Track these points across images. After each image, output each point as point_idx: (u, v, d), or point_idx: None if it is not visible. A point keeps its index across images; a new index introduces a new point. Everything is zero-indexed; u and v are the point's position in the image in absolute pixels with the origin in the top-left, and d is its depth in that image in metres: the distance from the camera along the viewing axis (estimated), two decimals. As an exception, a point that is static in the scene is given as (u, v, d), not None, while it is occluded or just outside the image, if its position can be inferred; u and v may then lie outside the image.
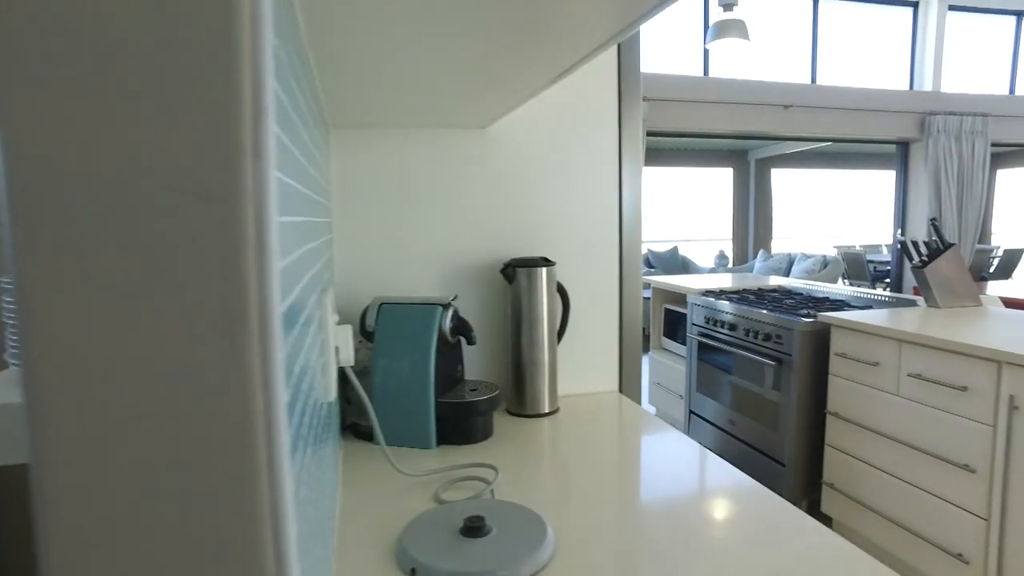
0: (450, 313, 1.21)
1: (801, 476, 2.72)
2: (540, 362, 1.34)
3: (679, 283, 3.82)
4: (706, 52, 6.11)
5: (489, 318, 1.43)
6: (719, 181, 9.84)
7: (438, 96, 0.97)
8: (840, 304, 2.99)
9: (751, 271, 8.33)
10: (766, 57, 6.57)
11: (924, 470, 2.16)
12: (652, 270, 8.76)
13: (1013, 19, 7.15)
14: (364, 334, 1.22)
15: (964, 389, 2.00)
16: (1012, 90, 7.22)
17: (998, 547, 1.92)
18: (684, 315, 3.63)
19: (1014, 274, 9.80)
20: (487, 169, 1.39)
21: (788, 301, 3.10)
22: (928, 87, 6.76)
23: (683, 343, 3.68)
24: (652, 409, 4.35)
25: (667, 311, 3.99)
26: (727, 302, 3.15)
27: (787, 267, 7.98)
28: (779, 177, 9.87)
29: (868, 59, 6.96)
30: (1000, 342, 1.96)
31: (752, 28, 6.15)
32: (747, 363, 2.98)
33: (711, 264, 8.94)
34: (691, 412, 3.51)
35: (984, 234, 11.78)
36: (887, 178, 7.61)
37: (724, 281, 3.90)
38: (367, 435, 1.21)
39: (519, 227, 1.43)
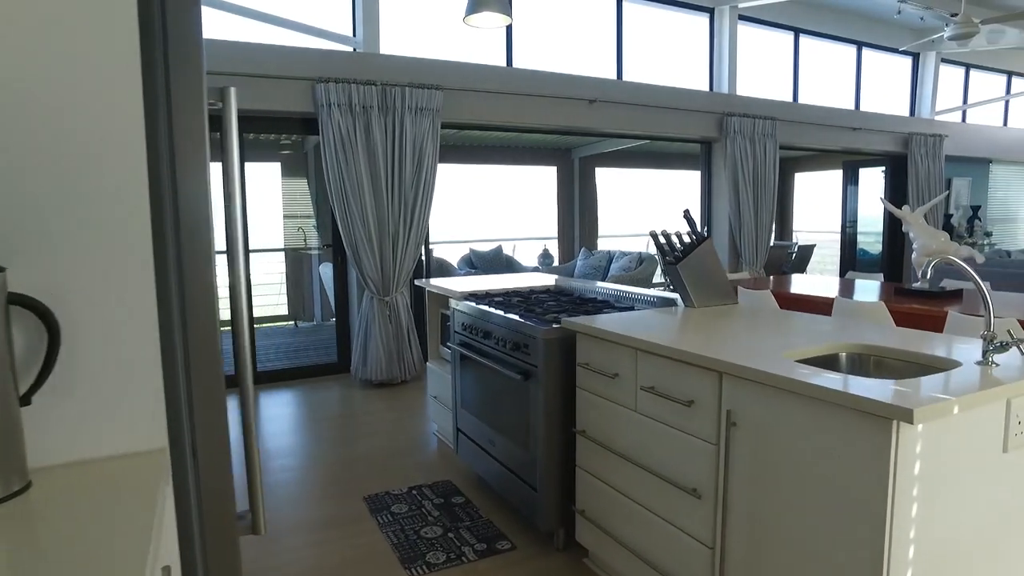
0: None
1: (555, 502, 2.41)
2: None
3: (448, 286, 3.43)
4: (509, 43, 5.87)
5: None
6: (545, 179, 9.78)
7: None
8: (602, 305, 2.73)
9: (574, 269, 8.29)
10: (572, 51, 6.45)
11: (659, 495, 1.90)
12: (474, 271, 8.46)
13: (791, 34, 7.63)
14: None
15: (690, 404, 1.75)
16: (795, 98, 7.70)
17: (725, 583, 1.69)
18: (454, 321, 3.25)
19: (807, 268, 10.64)
20: None
21: (551, 303, 2.81)
22: (725, 90, 7.01)
23: (455, 352, 3.31)
24: (435, 426, 3.96)
25: (444, 316, 3.61)
26: (485, 307, 2.80)
27: (607, 264, 8.00)
28: (603, 176, 9.98)
29: (673, 60, 7.09)
30: (728, 349, 1.73)
31: (550, 21, 6.06)
32: (498, 376, 2.65)
33: (535, 263, 8.81)
34: (458, 430, 3.13)
35: (785, 231, 12.81)
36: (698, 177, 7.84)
37: (500, 282, 3.58)
38: None
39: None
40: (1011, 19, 4.81)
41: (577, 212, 9.72)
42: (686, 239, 2.47)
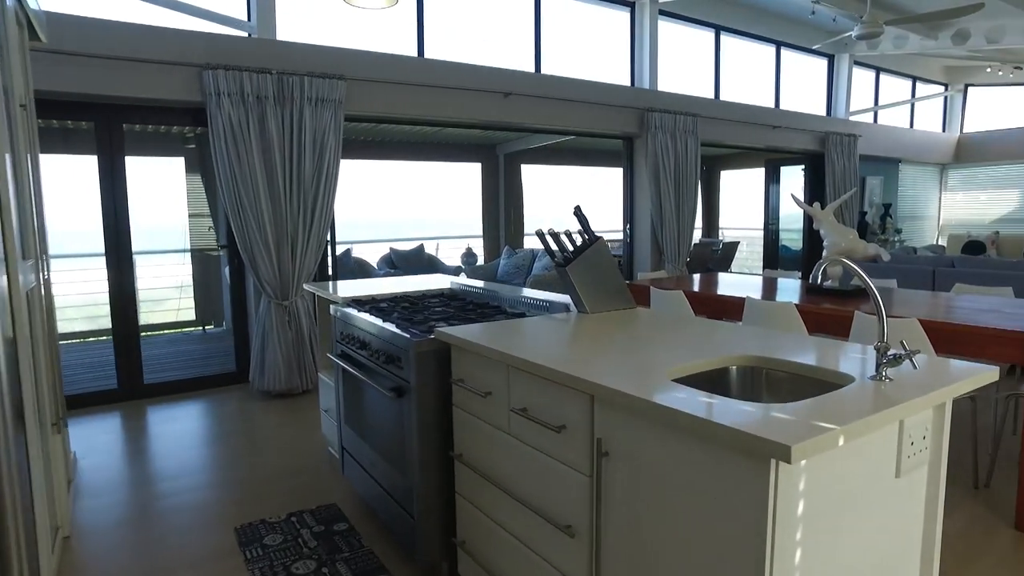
0: None
1: (435, 532, 2.16)
2: None
3: (339, 290, 3.13)
4: (420, 32, 5.58)
5: None
6: (469, 176, 9.52)
7: None
8: (494, 312, 2.50)
9: (497, 268, 8.07)
10: (488, 42, 6.22)
11: (536, 529, 1.68)
12: (395, 271, 8.14)
13: (712, 32, 7.62)
14: None
15: (561, 429, 1.53)
16: (717, 95, 7.70)
17: (602, 633, 1.47)
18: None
19: (732, 265, 10.76)
20: None
21: (438, 310, 2.56)
22: (647, 85, 6.92)
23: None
24: (330, 442, 3.64)
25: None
26: (364, 314, 2.52)
27: (530, 264, 7.82)
28: (529, 173, 9.80)
29: (594, 54, 6.96)
30: (606, 366, 1.51)
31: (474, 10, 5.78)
32: (372, 392, 2.38)
33: (458, 262, 8.55)
34: (343, 449, 2.85)
35: (712, 229, 12.97)
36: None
37: (396, 285, 3.30)
38: None
39: None
40: (912, 21, 4.86)
41: (502, 210, 9.50)
42: (578, 239, 2.26)
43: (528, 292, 2.78)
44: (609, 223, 10.08)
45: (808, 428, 1.06)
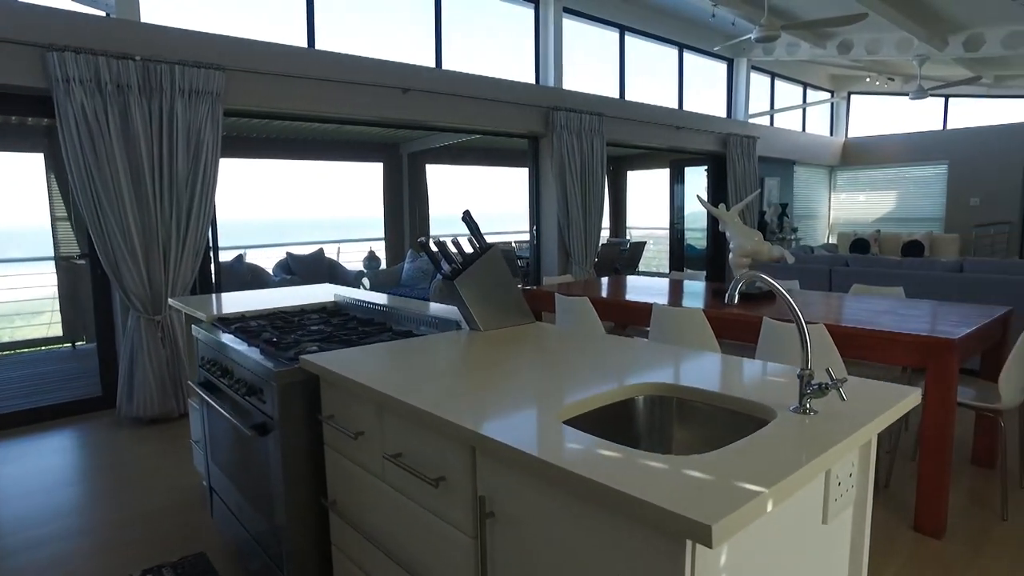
0: None
1: (309, 591, 1.86)
2: None
3: (207, 305, 2.74)
4: (311, 22, 5.18)
5: None
6: (371, 176, 9.11)
7: None
8: (379, 329, 2.22)
9: (401, 272, 7.72)
10: (385, 35, 5.89)
11: (418, 596, 1.42)
12: (292, 277, 7.63)
13: (617, 32, 7.61)
14: None
15: (439, 482, 1.28)
16: (622, 95, 7.68)
17: None
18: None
19: (639, 264, 10.87)
20: None
21: (316, 328, 2.25)
22: (551, 83, 6.78)
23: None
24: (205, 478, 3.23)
25: (202, 344, 2.90)
26: (231, 336, 2.17)
27: (436, 267, 7.52)
28: (434, 173, 9.49)
29: (498, 51, 6.75)
30: (491, 403, 1.27)
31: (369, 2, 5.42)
32: (233, 428, 2.05)
33: (361, 266, 8.13)
34: (211, 488, 2.48)
35: (620, 229, 13.11)
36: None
37: (276, 298, 2.94)
38: None
39: None
40: (805, 27, 4.95)
41: (406, 211, 9.13)
42: (468, 248, 2.01)
43: (418, 307, 2.51)
44: (518, 224, 9.94)
45: (730, 495, 0.86)
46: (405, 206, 9.15)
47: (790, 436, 1.08)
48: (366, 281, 7.70)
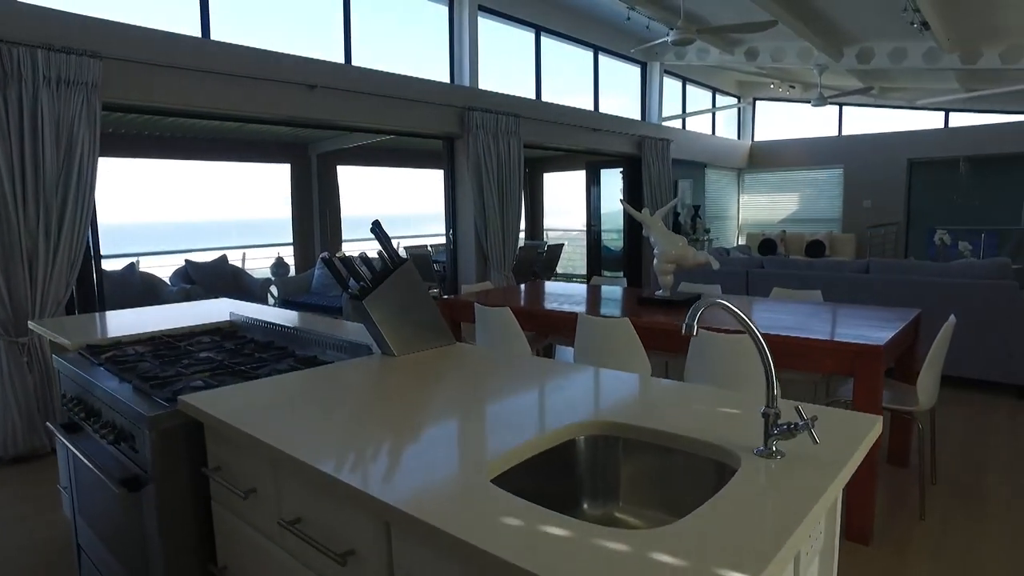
0: None
1: (196, 671, 1.57)
2: None
3: (120, 325, 2.35)
4: (205, 9, 4.75)
5: None
6: (278, 178, 8.59)
7: None
8: (278, 356, 1.94)
9: (311, 280, 7.30)
10: (291, 28, 5.51)
11: None
12: (192, 287, 7.05)
13: (533, 32, 7.50)
14: None
15: (348, 557, 1.05)
16: (538, 96, 7.58)
17: None
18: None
19: (557, 266, 10.84)
20: None
21: (204, 356, 1.95)
22: (467, 83, 6.58)
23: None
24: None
25: (72, 372, 2.51)
26: (101, 369, 1.84)
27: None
28: (346, 174, 9.08)
29: (412, 48, 6.49)
30: (406, 462, 1.06)
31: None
32: (95, 478, 1.74)
33: (268, 274, 7.65)
34: (78, 546, 2.12)
35: (537, 231, 13.08)
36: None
37: (164, 318, 2.59)
38: None
39: None
40: (721, 31, 4.99)
41: (316, 215, 8.68)
42: (378, 262, 1.78)
43: (326, 326, 2.25)
44: (434, 227, 9.68)
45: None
46: (315, 209, 8.69)
47: (762, 491, 0.93)
48: (274, 289, 7.23)
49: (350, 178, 9.17)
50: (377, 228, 1.75)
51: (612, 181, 9.76)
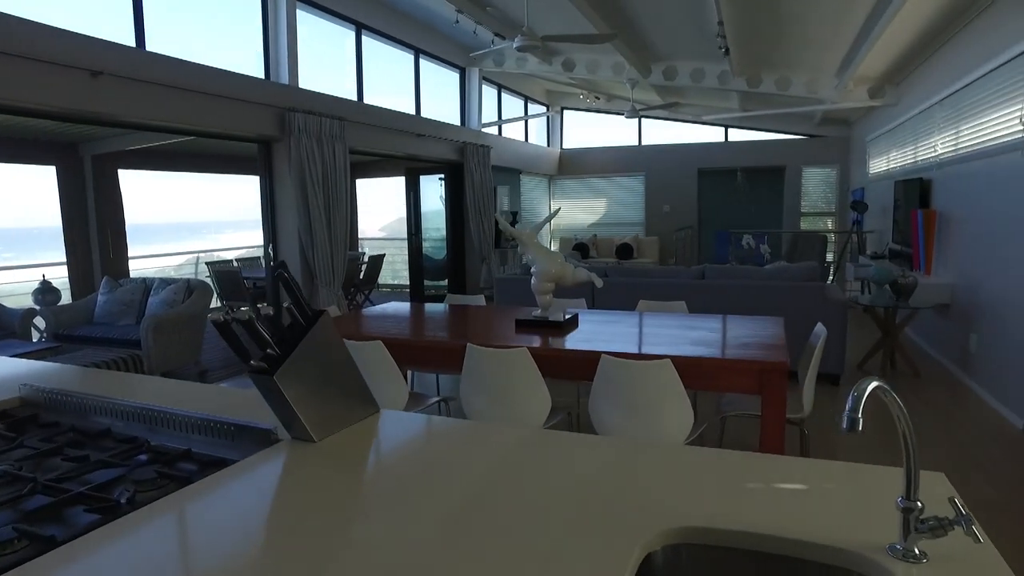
0: None
1: None
2: None
3: None
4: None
5: None
6: (41, 183, 7.04)
7: None
8: (126, 453, 1.39)
9: (94, 307, 6.06)
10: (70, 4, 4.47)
11: None
12: (-83, 323, 5.46)
13: (353, 30, 6.99)
14: None
15: None
16: (360, 98, 7.08)
17: None
18: None
19: (379, 277, 10.32)
20: None
21: None
22: (286, 80, 5.89)
23: None
24: None
25: None
26: None
27: (143, 298, 6.05)
28: (130, 180, 7.74)
29: (222, 39, 5.64)
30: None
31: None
32: None
33: (31, 302, 6.20)
34: None
35: (353, 242, 12.39)
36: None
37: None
38: None
39: None
40: (566, 40, 4.97)
41: (94, 229, 7.25)
42: (287, 318, 1.33)
43: (198, 394, 1.69)
44: (243, 238, 8.67)
45: None
46: (92, 222, 7.25)
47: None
48: (39, 321, 5.87)
49: (136, 184, 7.84)
50: (283, 273, 1.30)
51: (432, 187, 9.49)
